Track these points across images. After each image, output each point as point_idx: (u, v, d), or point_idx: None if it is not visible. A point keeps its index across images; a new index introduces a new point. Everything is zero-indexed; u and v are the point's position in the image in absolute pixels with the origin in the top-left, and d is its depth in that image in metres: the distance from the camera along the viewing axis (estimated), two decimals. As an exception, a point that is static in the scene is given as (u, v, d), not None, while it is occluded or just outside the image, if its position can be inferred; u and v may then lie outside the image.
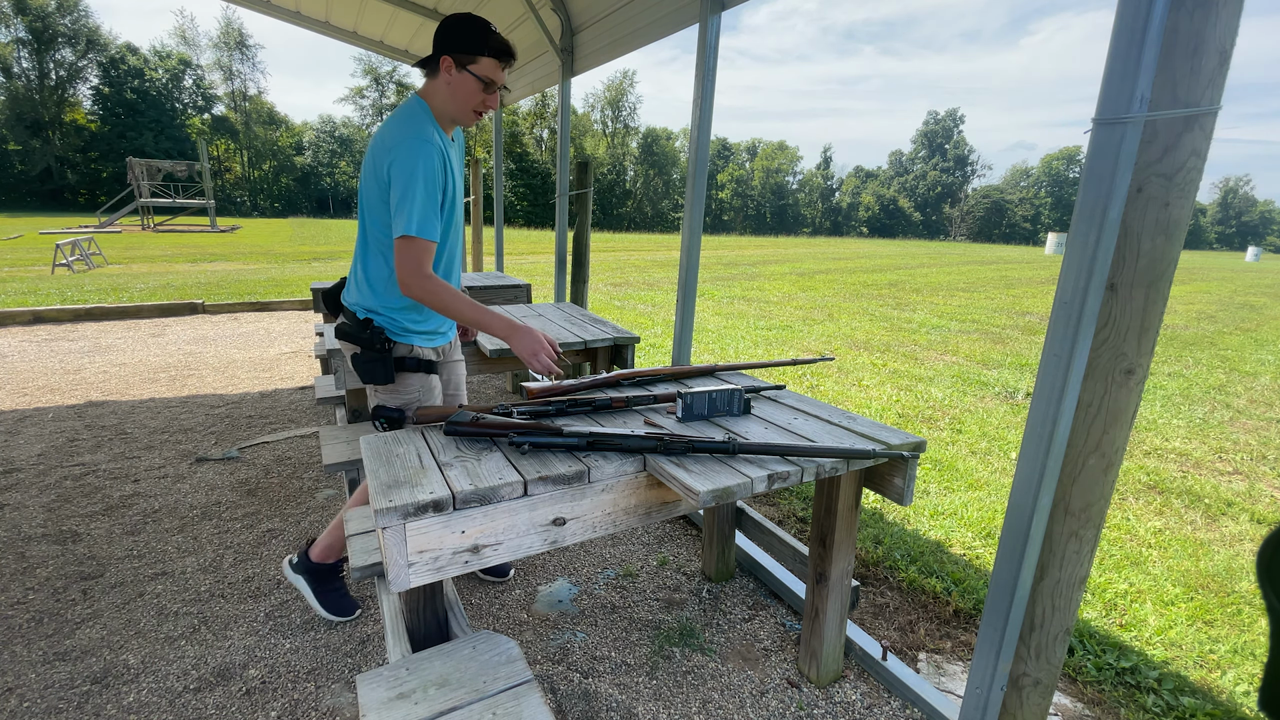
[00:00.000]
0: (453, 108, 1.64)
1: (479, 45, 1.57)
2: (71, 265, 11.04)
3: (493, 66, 1.60)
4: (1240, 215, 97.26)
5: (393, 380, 1.75)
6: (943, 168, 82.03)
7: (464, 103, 1.63)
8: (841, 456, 1.42)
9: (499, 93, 1.65)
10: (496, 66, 1.61)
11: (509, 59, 1.62)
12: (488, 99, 1.64)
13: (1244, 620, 2.27)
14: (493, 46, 1.58)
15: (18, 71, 40.99)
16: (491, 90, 1.63)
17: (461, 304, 1.60)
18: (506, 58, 1.62)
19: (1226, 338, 8.58)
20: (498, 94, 1.65)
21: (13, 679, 1.79)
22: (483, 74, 1.60)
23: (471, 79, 1.60)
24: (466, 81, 1.60)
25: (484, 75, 1.60)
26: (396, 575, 1.18)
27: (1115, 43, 1.14)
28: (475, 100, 1.63)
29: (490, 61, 1.60)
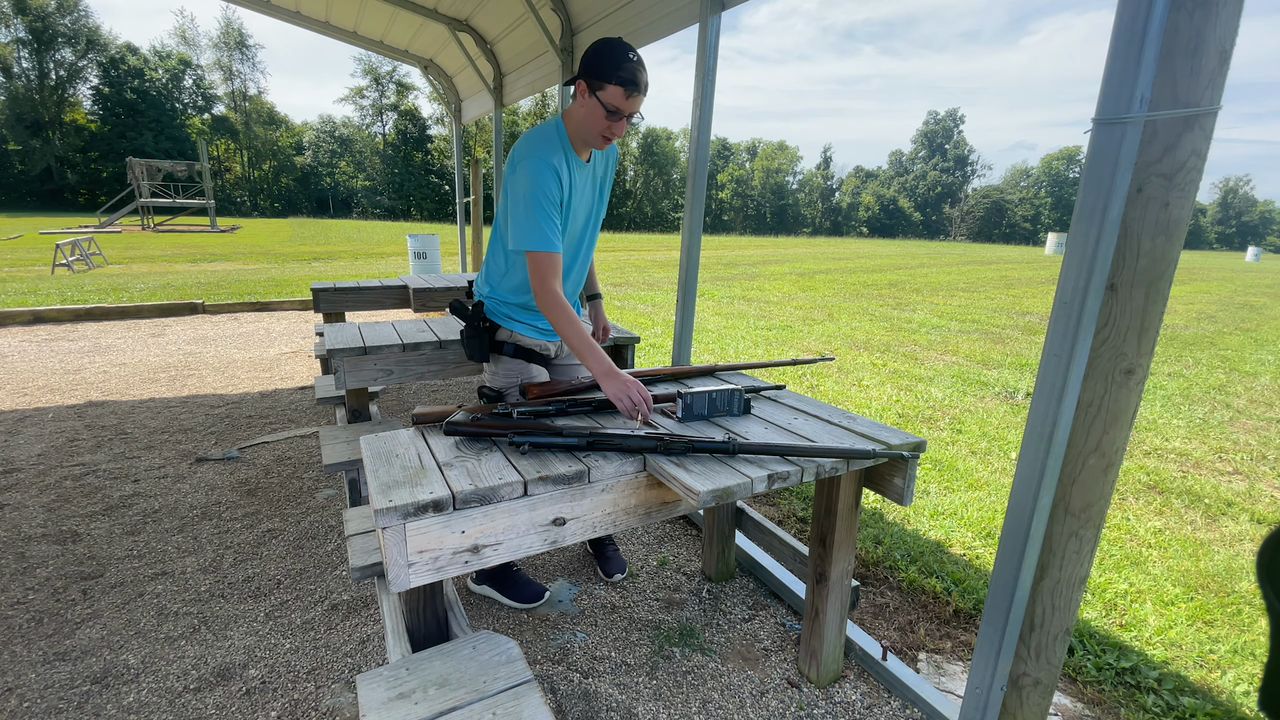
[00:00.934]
0: (585, 130, 1.70)
1: (608, 73, 1.59)
2: (71, 265, 11.05)
3: (619, 95, 1.60)
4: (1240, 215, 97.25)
5: (486, 358, 1.95)
6: (943, 168, 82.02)
7: (593, 127, 1.67)
8: (841, 456, 1.42)
9: (625, 120, 1.66)
10: (623, 96, 1.61)
11: (635, 89, 1.61)
12: (613, 126, 1.65)
13: (1244, 620, 2.27)
14: (621, 76, 1.58)
15: (18, 71, 40.98)
16: (617, 118, 1.64)
17: (570, 331, 1.66)
18: (632, 88, 1.61)
19: (1226, 338, 8.58)
20: (624, 121, 1.66)
21: (13, 679, 1.79)
22: (608, 102, 1.61)
23: (599, 105, 1.62)
24: (595, 107, 1.63)
25: (609, 103, 1.61)
26: (396, 575, 1.18)
27: (1115, 43, 1.14)
28: (602, 126, 1.65)
29: (617, 90, 1.60)
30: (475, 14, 5.02)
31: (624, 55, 1.58)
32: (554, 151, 1.69)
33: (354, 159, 55.42)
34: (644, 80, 1.62)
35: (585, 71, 1.62)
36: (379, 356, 2.57)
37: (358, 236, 24.55)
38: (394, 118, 55.70)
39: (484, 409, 1.56)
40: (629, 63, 1.58)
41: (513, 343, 1.95)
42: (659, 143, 65.70)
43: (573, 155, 1.74)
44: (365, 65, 54.30)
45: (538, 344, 1.99)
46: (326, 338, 2.64)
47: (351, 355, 2.51)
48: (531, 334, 1.97)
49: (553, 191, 1.66)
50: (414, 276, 4.48)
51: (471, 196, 6.81)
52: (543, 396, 1.73)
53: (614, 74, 1.58)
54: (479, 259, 7.15)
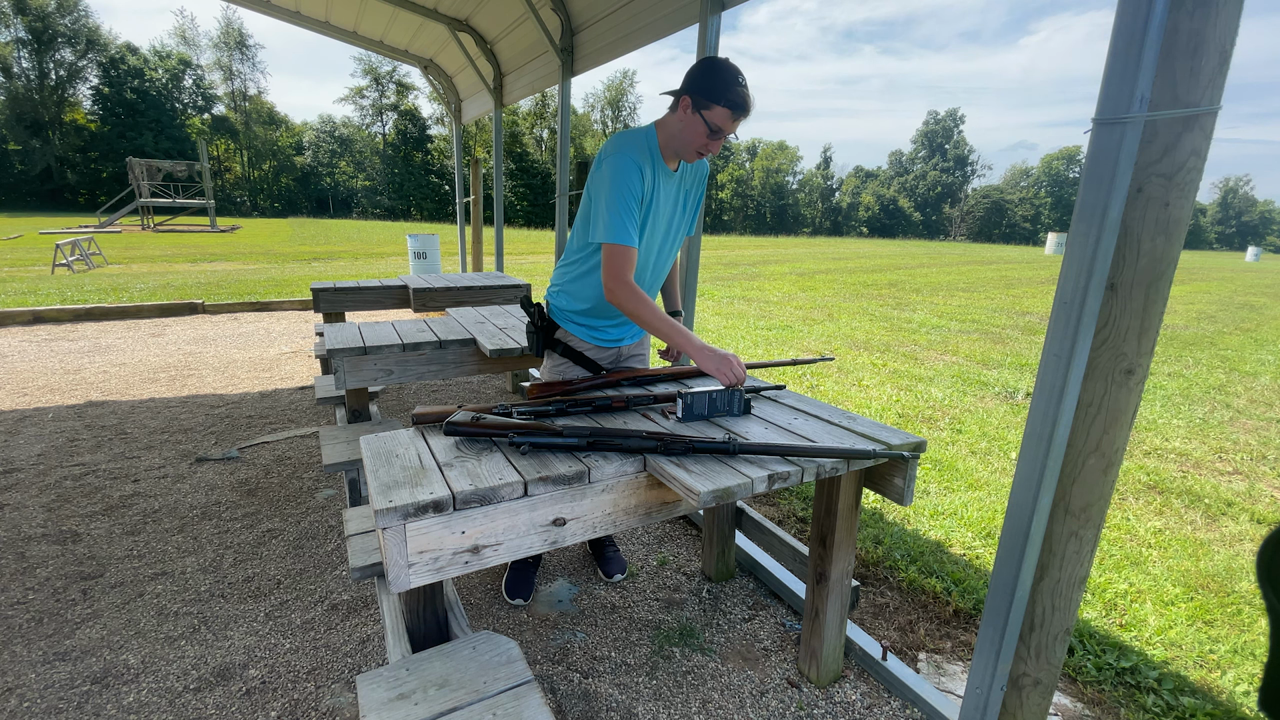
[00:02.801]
0: (679, 143, 1.73)
1: (718, 95, 1.62)
2: (71, 265, 11.05)
3: (725, 117, 1.64)
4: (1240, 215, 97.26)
5: (540, 354, 2.02)
6: (943, 168, 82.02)
7: (689, 141, 1.70)
8: (842, 456, 1.42)
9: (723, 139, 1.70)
10: (729, 118, 1.64)
11: (742, 113, 1.65)
12: (711, 144, 1.70)
13: (1244, 620, 2.27)
14: (731, 100, 1.62)
15: (18, 71, 40.99)
16: (718, 137, 1.68)
17: (650, 316, 1.70)
18: (740, 112, 1.64)
19: (1226, 338, 8.58)
20: (722, 140, 1.70)
21: (13, 679, 1.79)
22: (713, 121, 1.64)
23: (702, 123, 1.65)
24: (698, 124, 1.66)
25: (714, 123, 1.64)
26: (396, 576, 1.18)
27: (1115, 43, 1.14)
28: (700, 142, 1.69)
29: (724, 112, 1.63)
30: (475, 14, 5.02)
31: (735, 79, 1.62)
32: (640, 152, 1.72)
33: (354, 159, 55.42)
34: (751, 105, 1.66)
35: (693, 88, 1.65)
36: (379, 356, 2.57)
37: (358, 236, 24.55)
38: (394, 118, 55.71)
39: (485, 409, 1.56)
40: (740, 88, 1.62)
41: (565, 343, 1.99)
42: (659, 143, 65.49)
43: (660, 162, 1.76)
44: (365, 65, 54.34)
45: (590, 348, 2.01)
46: (326, 338, 2.64)
47: (351, 355, 2.51)
48: (586, 337, 1.99)
49: (635, 187, 1.69)
50: (414, 276, 4.48)
51: (471, 196, 6.81)
52: (543, 397, 1.73)
53: (724, 96, 1.62)
54: (479, 259, 7.15)
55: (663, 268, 1.97)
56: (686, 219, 1.96)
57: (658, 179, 1.76)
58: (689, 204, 1.93)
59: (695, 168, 1.91)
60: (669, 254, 1.96)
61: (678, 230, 1.94)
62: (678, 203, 1.88)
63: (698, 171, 1.93)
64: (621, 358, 2.09)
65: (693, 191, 1.93)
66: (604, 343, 2.02)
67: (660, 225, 1.85)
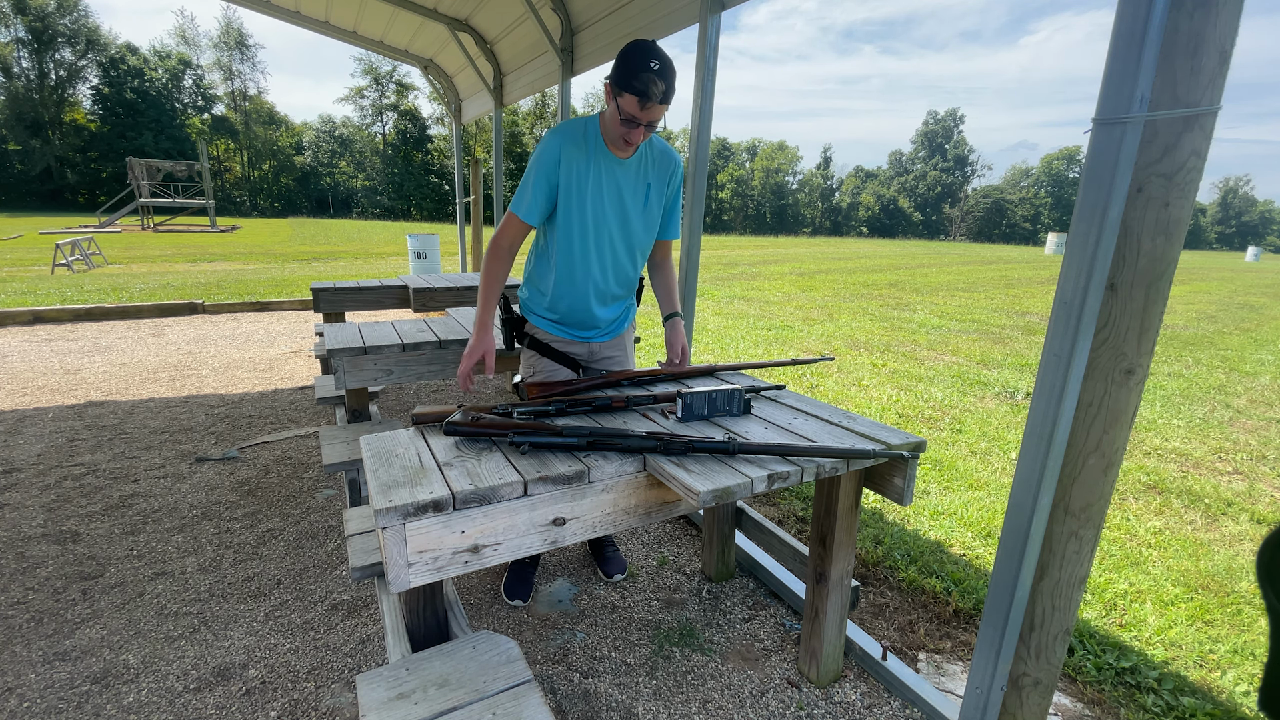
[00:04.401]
0: (610, 132, 1.71)
1: (626, 82, 1.56)
2: (71, 265, 11.04)
3: (633, 104, 1.58)
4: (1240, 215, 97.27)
5: (510, 347, 2.05)
6: (943, 168, 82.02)
7: (614, 129, 1.67)
8: (841, 456, 1.42)
9: (642, 128, 1.63)
10: (636, 105, 1.58)
11: (648, 100, 1.57)
12: (630, 133, 1.64)
13: (1244, 620, 2.27)
14: (636, 86, 1.55)
15: (18, 71, 40.99)
16: (633, 126, 1.62)
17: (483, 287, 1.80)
18: (646, 99, 1.56)
19: (1226, 338, 8.58)
20: (641, 130, 1.63)
21: (13, 679, 1.79)
22: (625, 109, 1.60)
23: (617, 111, 1.62)
24: (614, 112, 1.63)
25: (625, 110, 1.60)
26: (396, 575, 1.18)
27: (1115, 43, 1.14)
28: (621, 132, 1.65)
29: (631, 99, 1.57)
30: (475, 14, 5.02)
31: (643, 64, 1.53)
32: (572, 135, 1.71)
33: (354, 159, 55.42)
34: (659, 91, 1.56)
35: (612, 74, 1.61)
36: (379, 356, 2.57)
37: (358, 236, 24.55)
38: (394, 118, 55.72)
39: (485, 409, 1.56)
40: (645, 72, 1.53)
41: (533, 336, 1.99)
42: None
43: (601, 148, 1.73)
44: (365, 65, 54.36)
45: (555, 340, 1.99)
46: (326, 338, 2.64)
47: (351, 355, 2.51)
48: (549, 329, 1.98)
49: (546, 167, 1.71)
50: (414, 276, 4.48)
51: (471, 196, 6.81)
52: (543, 396, 1.73)
53: (630, 83, 1.55)
54: (479, 259, 7.15)
55: (628, 258, 1.90)
56: (654, 214, 1.88)
57: (593, 163, 1.73)
58: (655, 198, 1.85)
59: (662, 162, 1.84)
60: (630, 246, 1.88)
61: (641, 223, 1.86)
62: (636, 193, 1.82)
63: (665, 166, 1.85)
64: (594, 355, 2.04)
65: (660, 186, 1.85)
66: (571, 336, 1.98)
67: (605, 211, 1.79)
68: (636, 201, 1.83)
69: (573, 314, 1.94)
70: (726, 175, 74.67)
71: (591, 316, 1.95)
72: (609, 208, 1.79)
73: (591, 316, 1.95)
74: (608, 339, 2.05)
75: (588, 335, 2.00)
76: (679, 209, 1.97)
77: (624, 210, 1.82)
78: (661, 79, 1.55)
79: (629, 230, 1.86)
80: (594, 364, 2.06)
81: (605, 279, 1.90)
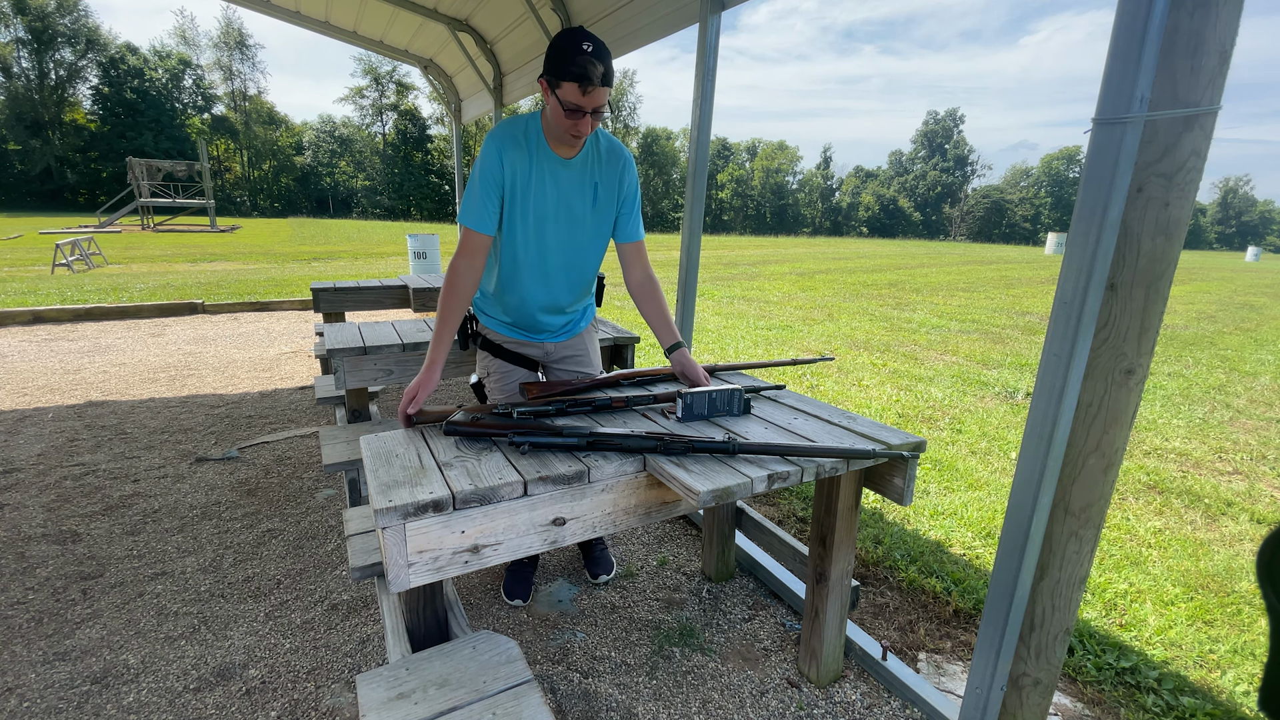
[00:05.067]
0: (553, 130, 1.63)
1: (562, 71, 1.48)
2: (71, 265, 11.04)
3: (574, 92, 1.49)
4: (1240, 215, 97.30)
5: (465, 346, 2.00)
6: (943, 168, 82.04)
7: (558, 125, 1.57)
8: (841, 456, 1.42)
9: (588, 117, 1.54)
10: (578, 92, 1.48)
11: (589, 84, 1.47)
12: (577, 124, 1.54)
13: (1244, 620, 2.27)
14: (573, 72, 1.46)
15: (18, 71, 40.99)
16: (578, 116, 1.52)
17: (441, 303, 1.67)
18: (586, 84, 1.47)
19: (1226, 338, 8.58)
20: (587, 119, 1.54)
21: (13, 679, 1.79)
22: (566, 100, 1.50)
23: (558, 104, 1.52)
24: (556, 106, 1.53)
25: (567, 101, 1.50)
26: (396, 575, 1.18)
27: (1115, 43, 1.14)
28: (565, 124, 1.55)
29: (571, 86, 1.48)
30: (475, 14, 5.01)
31: (577, 48, 1.45)
32: (511, 137, 1.64)
33: (354, 159, 55.43)
34: (598, 73, 1.47)
35: (545, 69, 1.52)
36: (379, 356, 2.57)
37: (358, 236, 24.55)
38: (394, 118, 55.71)
39: (484, 409, 1.56)
40: (581, 55, 1.45)
41: (484, 336, 1.97)
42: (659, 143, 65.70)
43: (543, 149, 1.66)
44: (365, 65, 54.36)
45: (507, 340, 1.96)
46: (326, 338, 2.64)
47: (351, 355, 2.51)
48: (498, 329, 1.95)
49: (489, 172, 1.64)
50: (414, 276, 4.48)
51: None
52: (543, 396, 1.73)
53: (567, 70, 1.47)
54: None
55: (578, 262, 1.84)
56: (605, 214, 1.81)
57: (535, 165, 1.66)
58: (605, 197, 1.78)
59: (610, 159, 1.77)
60: (579, 248, 1.81)
61: (590, 225, 1.79)
62: (583, 193, 1.75)
63: (614, 163, 1.77)
64: (551, 356, 2.01)
65: (610, 184, 1.78)
66: (523, 338, 1.94)
67: (549, 214, 1.72)
68: (584, 202, 1.76)
69: (522, 318, 1.91)
70: (726, 175, 74.69)
71: (541, 321, 1.92)
72: (554, 210, 1.73)
73: (541, 321, 1.92)
74: (563, 339, 2.01)
75: (540, 338, 1.97)
76: (637, 209, 1.86)
77: (571, 212, 1.75)
78: (599, 60, 1.47)
79: (577, 233, 1.78)
80: (552, 364, 2.03)
81: (553, 284, 1.84)
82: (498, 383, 1.99)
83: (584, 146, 1.72)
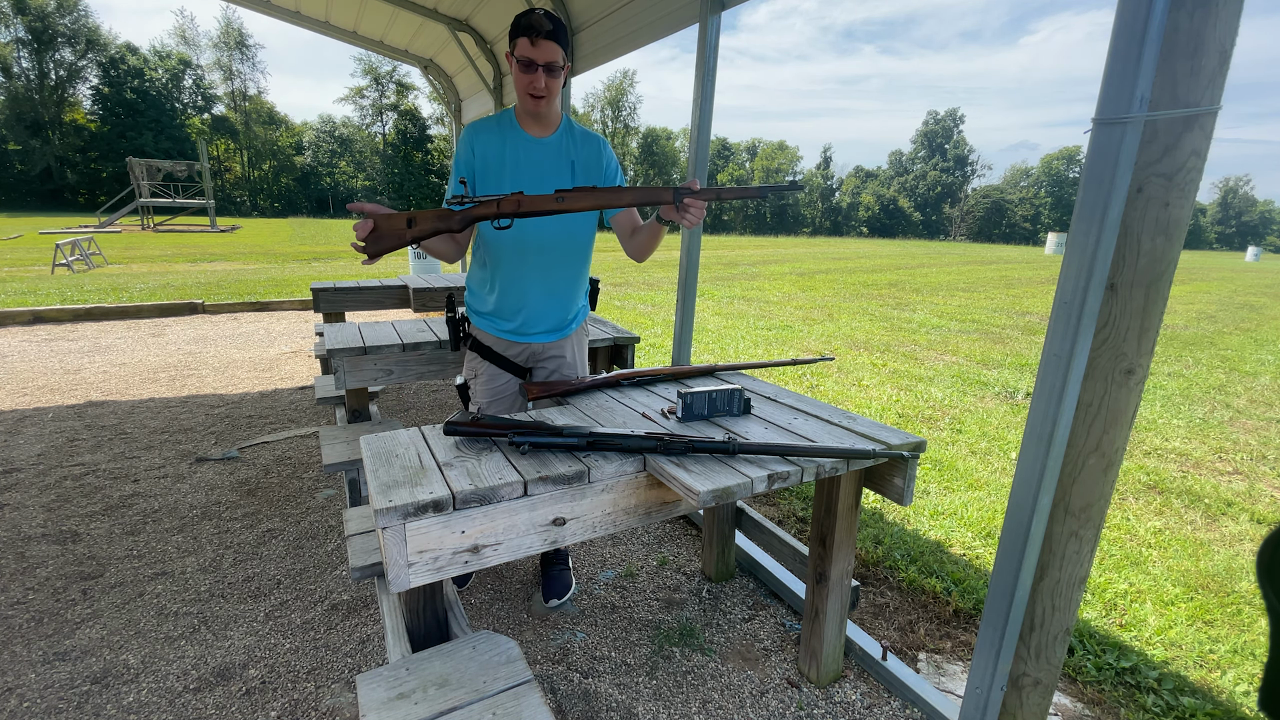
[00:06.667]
0: (521, 102, 1.73)
1: (512, 31, 1.65)
2: (71, 265, 11.04)
3: (525, 45, 1.63)
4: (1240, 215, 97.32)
5: (456, 347, 2.01)
6: (943, 168, 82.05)
7: (520, 90, 1.71)
8: (841, 456, 1.42)
9: (541, 72, 1.66)
10: (528, 44, 1.63)
11: (535, 33, 1.61)
12: (532, 79, 1.67)
13: (1244, 620, 2.27)
14: (520, 26, 1.62)
15: (18, 71, 40.99)
16: (531, 69, 1.65)
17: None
18: (533, 32, 1.61)
19: (1226, 338, 8.58)
20: (540, 72, 1.66)
21: (13, 679, 1.79)
22: (520, 55, 1.65)
23: (515, 64, 1.67)
24: (515, 70, 1.69)
25: (521, 55, 1.64)
26: (396, 575, 1.18)
27: (1115, 43, 1.14)
28: (524, 83, 1.68)
29: (523, 41, 1.63)
30: (475, 14, 5.01)
31: (529, 10, 1.64)
32: (484, 123, 1.78)
33: (354, 159, 55.43)
34: (544, 24, 1.61)
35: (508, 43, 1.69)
36: (379, 356, 2.57)
37: (358, 236, 24.50)
38: (394, 118, 55.72)
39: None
40: (530, 13, 1.62)
41: (474, 337, 1.98)
42: (659, 143, 65.71)
43: (515, 130, 1.77)
44: (365, 65, 54.35)
45: (497, 342, 1.94)
46: (326, 338, 2.64)
47: (351, 355, 2.51)
48: (487, 329, 1.93)
49: (460, 156, 1.78)
50: (414, 276, 4.48)
51: (471, 196, 6.79)
52: (543, 396, 1.73)
53: (517, 25, 1.63)
54: (479, 259, 7.14)
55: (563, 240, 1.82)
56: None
57: (508, 144, 1.76)
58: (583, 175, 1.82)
59: (585, 141, 1.83)
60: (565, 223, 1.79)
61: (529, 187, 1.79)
62: (559, 170, 1.80)
63: (590, 144, 1.83)
64: (537, 358, 1.97)
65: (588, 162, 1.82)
66: (508, 336, 1.92)
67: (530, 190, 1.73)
68: (562, 179, 1.80)
69: (509, 308, 1.88)
70: (726, 175, 74.69)
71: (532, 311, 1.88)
72: (531, 186, 1.75)
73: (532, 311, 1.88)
74: (552, 339, 1.96)
75: (527, 338, 1.93)
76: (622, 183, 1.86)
77: (549, 184, 1.77)
78: (546, 17, 1.63)
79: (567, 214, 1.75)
80: (538, 367, 1.99)
81: (540, 265, 1.82)
82: (485, 385, 1.97)
83: (558, 130, 1.82)
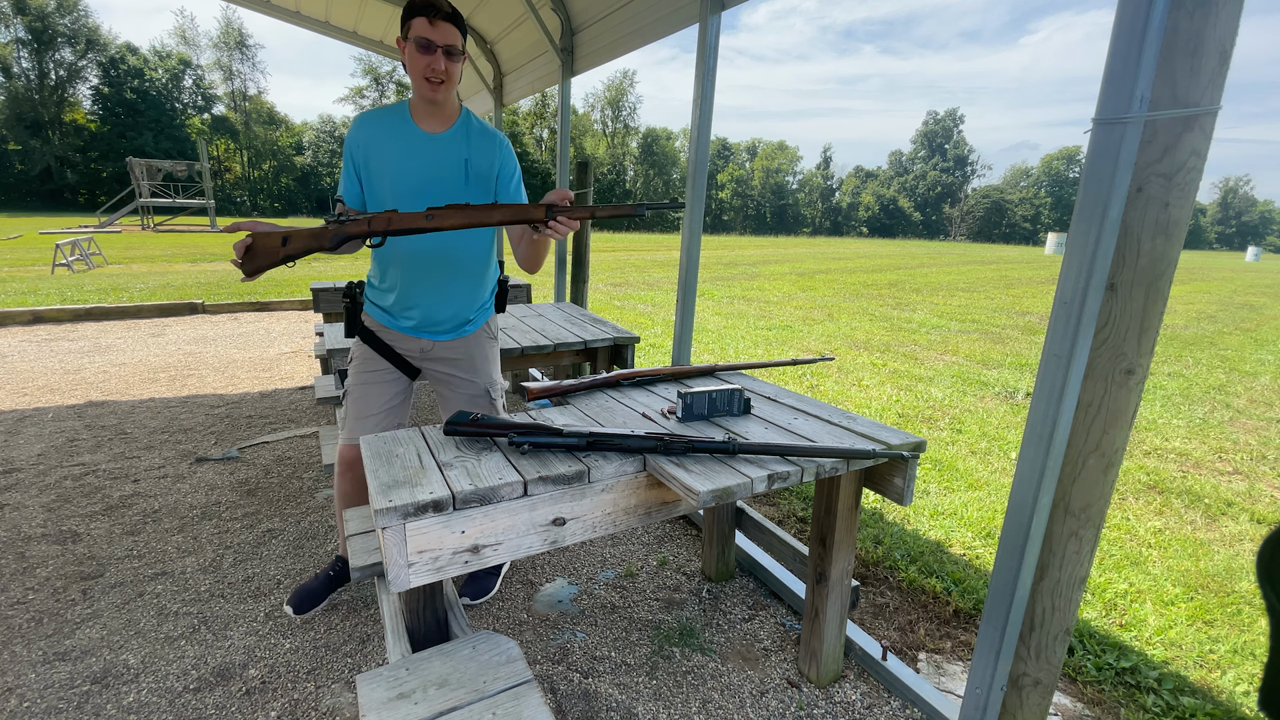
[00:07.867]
0: (416, 89, 1.66)
1: (406, 12, 1.57)
2: (71, 265, 11.04)
3: (422, 25, 1.56)
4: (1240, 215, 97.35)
5: (349, 334, 1.90)
6: (943, 168, 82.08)
7: (415, 74, 1.62)
8: (841, 456, 1.42)
9: (440, 54, 1.59)
10: (425, 25, 1.56)
11: (434, 12, 1.55)
12: (430, 61, 1.59)
13: (1244, 620, 2.27)
14: (418, 5, 1.55)
15: (18, 71, 40.99)
16: (429, 51, 1.58)
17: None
18: (431, 11, 1.54)
19: (1226, 338, 8.58)
20: (439, 54, 1.59)
21: (13, 679, 1.79)
22: (416, 36, 1.57)
23: (411, 46, 1.59)
24: (410, 51, 1.60)
25: (417, 37, 1.57)
26: (396, 575, 1.18)
27: (1115, 43, 1.14)
28: (420, 66, 1.60)
29: (420, 21, 1.56)
30: (475, 14, 5.01)
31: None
32: (375, 115, 1.72)
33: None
34: (445, 7, 1.56)
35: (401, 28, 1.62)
36: (379, 356, 2.56)
37: (358, 236, 24.49)
38: (394, 118, 55.64)
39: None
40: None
41: (365, 325, 1.90)
42: (659, 143, 65.72)
43: (407, 124, 1.70)
44: (365, 65, 54.32)
45: (387, 333, 1.88)
46: (326, 338, 2.64)
47: (351, 355, 2.51)
48: (379, 319, 1.88)
49: (348, 148, 1.72)
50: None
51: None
52: (543, 396, 1.73)
53: (410, 8, 1.56)
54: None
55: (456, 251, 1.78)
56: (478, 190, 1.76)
57: (398, 138, 1.69)
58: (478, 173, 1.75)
59: (483, 138, 1.76)
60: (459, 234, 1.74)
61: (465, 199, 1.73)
62: (453, 167, 1.73)
63: (487, 140, 1.77)
64: (427, 354, 1.91)
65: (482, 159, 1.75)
66: (400, 329, 1.86)
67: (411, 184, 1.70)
68: (455, 176, 1.73)
69: (402, 307, 1.84)
70: (726, 175, 74.72)
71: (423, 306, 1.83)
72: (418, 183, 1.70)
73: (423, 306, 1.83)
74: (447, 339, 1.90)
75: (422, 334, 1.87)
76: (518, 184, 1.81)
77: (441, 185, 1.72)
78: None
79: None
80: (430, 364, 1.93)
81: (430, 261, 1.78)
82: (358, 368, 1.90)
83: (455, 124, 1.74)
